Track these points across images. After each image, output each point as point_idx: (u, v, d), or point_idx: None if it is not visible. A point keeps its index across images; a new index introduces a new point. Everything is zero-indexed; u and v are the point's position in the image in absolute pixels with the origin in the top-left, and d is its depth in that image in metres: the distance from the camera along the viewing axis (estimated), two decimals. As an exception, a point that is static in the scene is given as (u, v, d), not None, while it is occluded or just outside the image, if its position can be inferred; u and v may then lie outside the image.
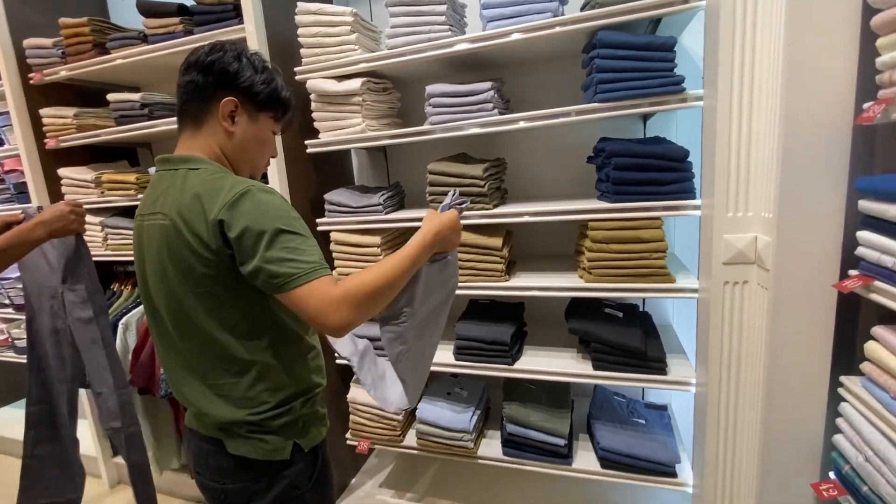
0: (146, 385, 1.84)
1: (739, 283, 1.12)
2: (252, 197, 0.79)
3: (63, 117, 1.96)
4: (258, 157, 0.96)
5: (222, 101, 0.86)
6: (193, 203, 0.80)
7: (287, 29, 1.59)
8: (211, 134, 0.89)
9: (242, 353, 0.86)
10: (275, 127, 0.96)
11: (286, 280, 0.77)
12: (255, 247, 0.77)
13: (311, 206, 1.77)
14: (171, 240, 0.82)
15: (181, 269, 0.82)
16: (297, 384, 0.92)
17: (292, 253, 0.78)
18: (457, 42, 1.37)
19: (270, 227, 0.77)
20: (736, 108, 1.05)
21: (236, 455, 0.89)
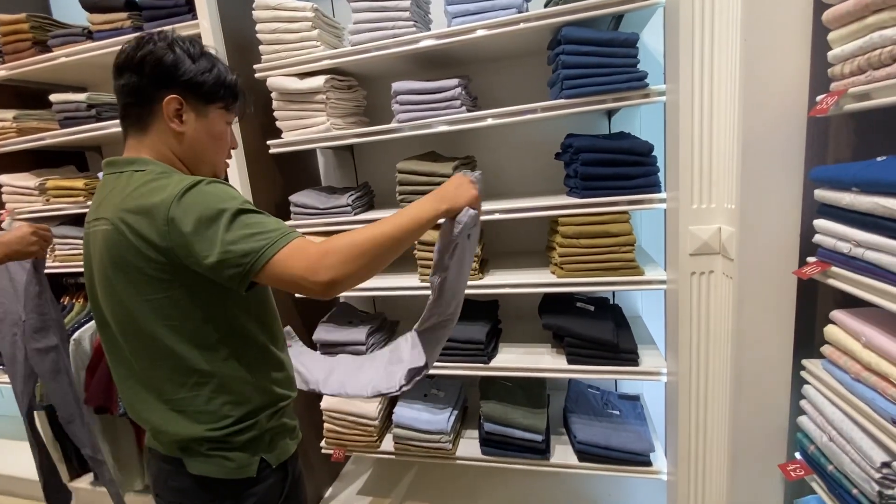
0: (103, 403, 1.73)
1: (705, 273, 1.15)
2: (199, 188, 0.74)
3: (1, 120, 1.83)
4: (216, 154, 0.89)
5: (165, 101, 0.80)
6: (138, 204, 0.74)
7: (244, 25, 1.53)
8: (159, 137, 0.83)
9: (201, 363, 0.80)
10: (227, 117, 0.89)
11: (259, 254, 0.71)
12: (214, 235, 0.71)
13: (276, 209, 1.71)
14: (115, 245, 0.76)
15: (128, 276, 0.76)
16: (262, 396, 0.87)
17: (255, 227, 0.73)
18: (422, 38, 1.35)
19: (225, 211, 0.72)
20: (697, 103, 1.07)
21: (197, 475, 0.83)
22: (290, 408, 0.96)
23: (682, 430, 1.25)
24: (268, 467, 0.88)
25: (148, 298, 0.77)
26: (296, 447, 0.96)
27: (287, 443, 0.93)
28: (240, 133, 1.54)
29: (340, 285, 0.74)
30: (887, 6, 0.68)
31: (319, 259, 0.72)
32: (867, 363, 0.77)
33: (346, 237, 0.75)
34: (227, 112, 0.88)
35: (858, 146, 0.90)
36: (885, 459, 0.74)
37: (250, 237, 0.72)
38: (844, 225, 0.80)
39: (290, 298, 1.75)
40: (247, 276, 0.72)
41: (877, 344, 0.75)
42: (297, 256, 0.72)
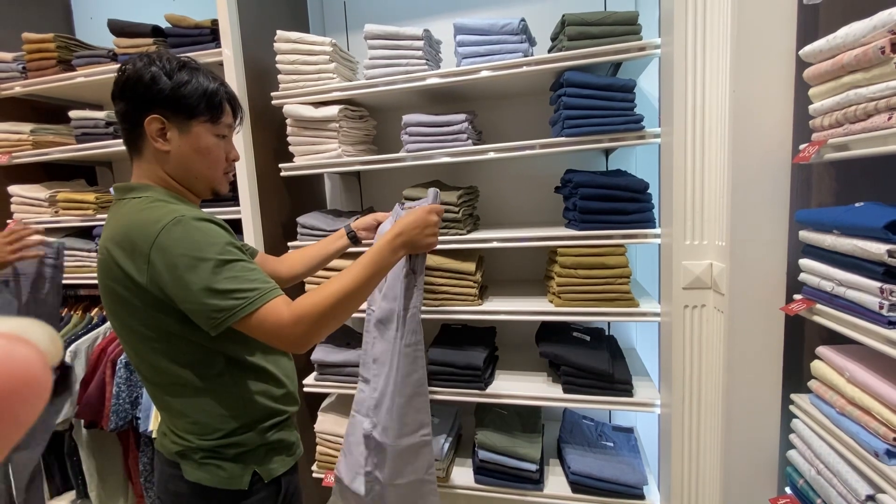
0: (94, 418, 1.72)
1: (698, 306, 1.19)
2: (181, 227, 0.74)
3: (18, 133, 1.88)
4: (208, 169, 0.88)
5: (146, 122, 0.81)
6: (123, 236, 0.76)
7: (264, 54, 1.62)
8: (152, 159, 0.84)
9: (193, 380, 0.83)
10: (216, 130, 0.86)
11: (231, 312, 0.74)
12: (189, 286, 0.73)
13: (283, 229, 1.75)
14: (106, 274, 0.79)
15: (118, 303, 0.80)
16: (253, 412, 0.88)
17: (232, 283, 0.74)
18: (432, 76, 1.43)
19: (203, 261, 0.73)
20: (689, 145, 1.14)
21: (192, 482, 0.86)
22: (289, 423, 0.97)
23: (675, 462, 1.26)
24: (260, 481, 0.89)
25: (134, 327, 0.80)
26: (293, 463, 0.97)
27: (283, 458, 0.94)
28: (253, 155, 1.60)
29: (310, 345, 0.80)
30: (861, 68, 0.75)
31: (292, 326, 0.76)
32: (851, 398, 0.81)
33: (315, 298, 0.79)
34: (213, 125, 0.86)
35: (839, 191, 0.96)
36: (870, 492, 0.76)
37: (226, 294, 0.73)
38: (827, 265, 0.86)
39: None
40: (218, 328, 0.75)
41: (860, 379, 0.79)
42: (270, 320, 0.75)
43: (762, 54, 0.94)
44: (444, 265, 1.51)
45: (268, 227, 1.67)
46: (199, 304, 0.74)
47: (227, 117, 0.89)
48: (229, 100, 0.89)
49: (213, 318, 0.74)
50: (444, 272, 1.51)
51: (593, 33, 1.29)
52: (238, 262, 0.76)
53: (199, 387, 0.83)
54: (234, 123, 0.92)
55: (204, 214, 0.80)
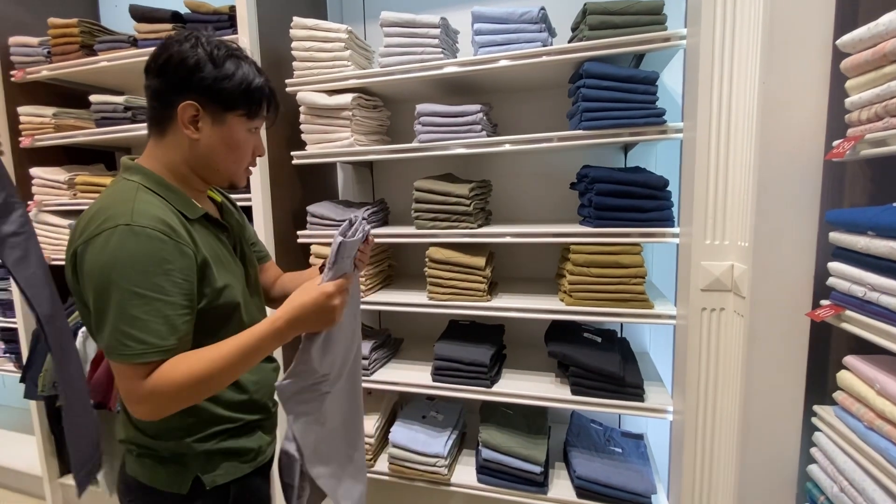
0: (102, 399, 1.73)
1: (716, 309, 1.14)
2: (114, 237, 0.69)
3: (41, 116, 1.91)
4: (232, 164, 0.84)
5: (180, 108, 0.77)
6: (85, 217, 0.74)
7: (281, 41, 1.61)
8: (175, 143, 0.80)
9: None
10: (250, 124, 0.83)
11: (109, 350, 0.70)
12: (94, 299, 0.70)
13: (293, 218, 1.75)
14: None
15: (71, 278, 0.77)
16: (193, 417, 0.81)
17: (127, 322, 0.68)
18: (448, 64, 1.40)
19: (114, 283, 0.68)
20: (714, 141, 1.09)
21: (131, 476, 0.83)
22: (247, 430, 0.89)
23: (687, 472, 1.21)
24: (202, 486, 0.82)
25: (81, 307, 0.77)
26: (250, 470, 0.89)
27: (234, 465, 0.86)
28: (266, 142, 1.59)
29: (153, 419, 0.74)
30: (905, 57, 0.70)
31: (147, 398, 0.70)
32: (881, 411, 0.75)
33: (177, 375, 0.70)
34: (248, 119, 0.82)
35: (874, 191, 0.90)
36: (899, 513, 0.71)
37: (113, 329, 0.69)
38: (859, 268, 0.80)
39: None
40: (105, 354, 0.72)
41: (891, 392, 0.74)
42: (131, 380, 0.69)
43: (796, 44, 0.89)
44: (452, 259, 1.48)
45: (278, 216, 1.66)
46: (95, 322, 0.71)
47: (262, 114, 0.85)
48: (270, 96, 0.85)
49: (99, 342, 0.72)
50: (453, 266, 1.48)
51: (615, 23, 1.24)
52: (154, 300, 0.69)
53: None
54: (269, 119, 0.89)
55: (162, 225, 0.72)
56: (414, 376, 1.60)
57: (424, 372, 1.59)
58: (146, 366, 0.70)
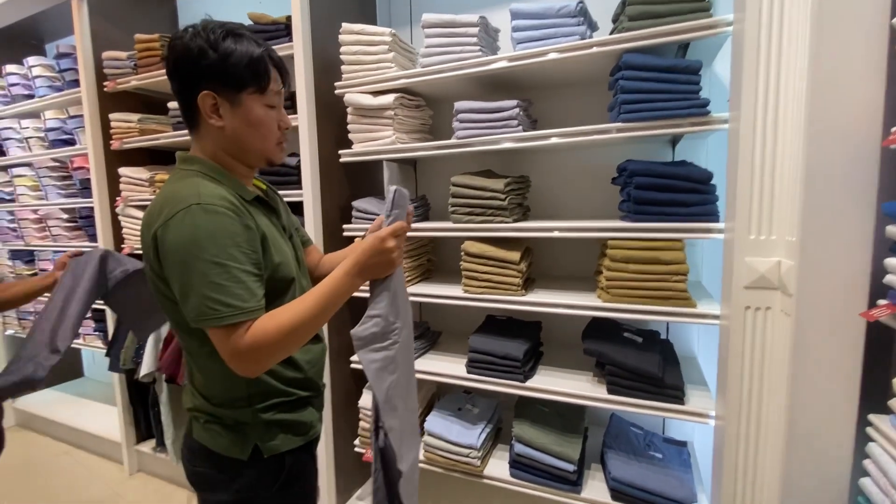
0: (173, 372, 1.93)
1: (762, 308, 1.07)
2: (189, 216, 0.75)
3: (128, 122, 2.16)
4: (260, 141, 0.87)
5: (199, 99, 0.81)
6: (154, 205, 0.81)
7: (331, 46, 1.71)
8: (207, 134, 0.85)
9: (196, 347, 0.86)
10: (265, 100, 0.85)
11: (202, 318, 0.76)
12: (178, 277, 0.76)
13: (340, 212, 1.85)
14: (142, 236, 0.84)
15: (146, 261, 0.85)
16: (253, 388, 0.88)
17: (215, 290, 0.75)
18: (487, 62, 1.42)
19: (196, 260, 0.74)
20: (760, 130, 1.03)
21: (197, 440, 0.91)
22: (299, 405, 0.95)
23: (728, 480, 1.15)
24: (259, 454, 0.89)
25: (159, 290, 0.85)
26: (303, 443, 0.95)
27: (288, 437, 0.93)
28: (317, 143, 1.70)
29: (258, 373, 0.81)
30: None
31: (248, 353, 0.76)
32: (940, 419, 0.69)
33: (271, 328, 0.78)
34: (261, 95, 0.84)
35: (941, 181, 0.82)
36: (957, 531, 0.65)
37: (203, 298, 0.75)
38: (918, 263, 0.73)
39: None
40: (193, 323, 0.77)
41: (951, 397, 0.67)
42: (230, 340, 0.76)
43: (849, 23, 0.83)
44: (487, 252, 1.50)
45: (326, 210, 1.76)
46: (181, 295, 0.77)
47: (275, 84, 0.86)
48: (275, 65, 0.86)
49: (189, 314, 0.77)
50: (488, 260, 1.50)
51: (657, 12, 1.21)
52: (232, 268, 0.76)
53: (207, 354, 0.84)
54: (282, 89, 0.89)
55: (226, 203, 0.79)
56: (449, 367, 1.63)
57: (460, 364, 1.62)
58: (237, 326, 0.76)
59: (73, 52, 2.24)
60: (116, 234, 2.26)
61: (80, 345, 2.58)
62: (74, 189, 2.43)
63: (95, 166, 2.20)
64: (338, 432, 1.83)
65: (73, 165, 2.39)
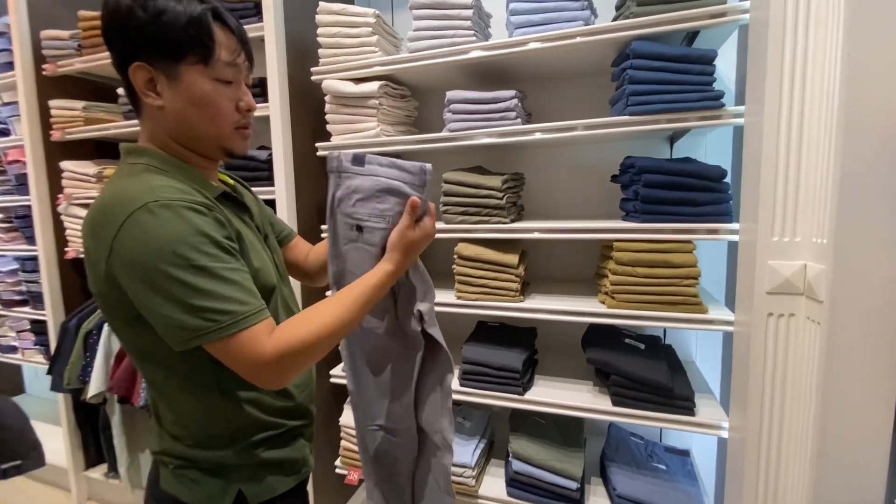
0: (126, 393, 1.72)
1: (785, 315, 1.00)
2: (147, 217, 0.60)
3: (72, 109, 1.92)
4: (210, 125, 0.71)
5: (130, 73, 0.66)
6: (97, 211, 0.65)
7: (306, 29, 1.55)
8: (149, 116, 0.71)
9: (162, 379, 0.72)
10: (212, 73, 0.68)
11: (198, 334, 0.61)
12: (149, 291, 0.61)
13: (318, 212, 1.69)
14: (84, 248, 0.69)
15: (92, 283, 0.69)
16: (236, 423, 0.75)
17: (205, 298, 0.61)
18: (480, 48, 1.31)
19: (163, 273, 0.60)
20: (784, 125, 0.96)
21: (166, 491, 0.75)
22: (291, 437, 0.83)
23: (748, 498, 1.08)
24: (243, 503, 0.75)
25: (111, 314, 0.70)
26: (294, 483, 0.82)
27: (279, 479, 0.79)
28: (290, 135, 1.54)
29: (287, 384, 0.69)
30: None
31: (276, 361, 0.64)
32: None
33: (302, 330, 0.67)
34: (206, 66, 0.68)
35: None
36: None
37: (194, 311, 0.61)
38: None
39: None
40: (183, 346, 0.63)
41: None
42: (247, 351, 0.62)
43: (889, 6, 0.76)
44: (483, 256, 1.38)
45: (303, 210, 1.60)
46: (160, 315, 0.62)
47: (225, 53, 0.69)
48: (229, 29, 0.70)
49: (176, 335, 0.62)
50: (483, 263, 1.39)
51: (667, -3, 1.12)
52: (217, 268, 0.63)
53: (176, 385, 0.71)
54: (241, 61, 0.71)
55: (190, 197, 0.65)
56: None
57: (451, 376, 1.50)
58: (247, 332, 0.63)
59: (7, 32, 1.97)
60: (59, 235, 2.01)
61: (18, 360, 2.31)
62: (9, 185, 2.15)
63: (33, 160, 1.94)
64: (317, 453, 1.67)
65: (6, 159, 2.11)
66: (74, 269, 2.06)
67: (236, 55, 0.71)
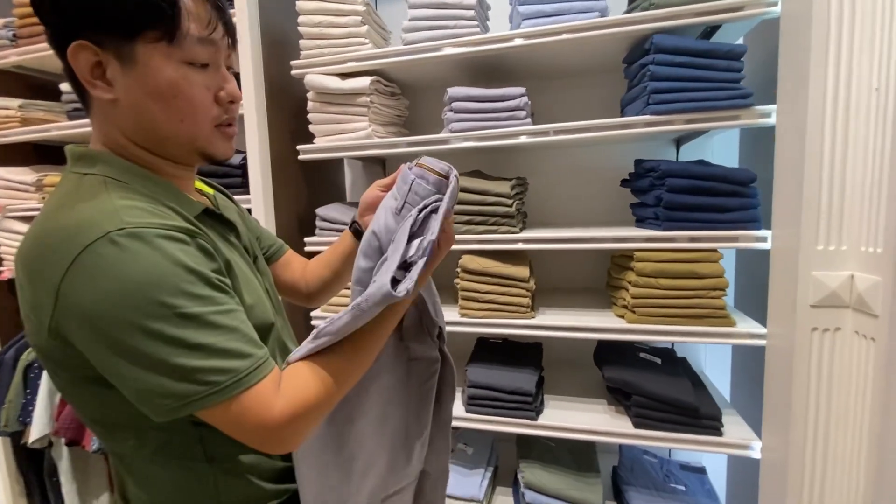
0: (75, 436, 1.49)
1: (831, 330, 0.93)
2: (117, 250, 0.45)
3: (6, 109, 1.67)
4: (180, 121, 0.55)
5: (69, 55, 0.50)
6: (34, 243, 0.49)
7: (285, 18, 1.39)
8: (100, 112, 0.55)
9: (130, 450, 0.57)
10: (180, 54, 0.52)
11: (188, 400, 0.47)
12: (115, 350, 0.46)
13: (299, 222, 1.52)
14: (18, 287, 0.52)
15: (31, 336, 0.52)
16: (223, 497, 0.59)
17: (195, 354, 0.46)
18: (505, 38, 1.17)
19: (143, 315, 0.45)
20: (829, 125, 0.89)
21: None
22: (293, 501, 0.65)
23: (789, 524, 1.00)
24: None
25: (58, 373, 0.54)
26: None
27: None
28: (267, 136, 1.37)
29: (296, 446, 0.54)
30: None
31: (287, 424, 0.50)
32: None
33: (315, 378, 0.53)
34: (171, 45, 0.51)
35: None
36: None
37: (182, 373, 0.46)
38: None
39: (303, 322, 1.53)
40: (166, 416, 0.48)
41: None
42: (254, 414, 0.49)
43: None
44: (490, 269, 1.26)
45: (282, 220, 1.43)
46: (134, 381, 0.47)
47: (196, 26, 0.52)
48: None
49: (159, 403, 0.48)
50: (491, 277, 1.27)
51: (692, -13, 1.04)
52: (208, 313, 0.48)
53: (149, 456, 0.56)
54: (218, 37, 0.55)
55: (166, 221, 0.50)
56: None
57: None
58: (261, 385, 0.50)
59: (-77, 18, 1.70)
60: (-9, 253, 1.74)
61: (-58, 397, 1.99)
62: (-72, 195, 1.86)
63: (-43, 166, 1.68)
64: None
65: (-76, 165, 1.82)
66: (11, 291, 1.79)
67: (212, 28, 0.54)
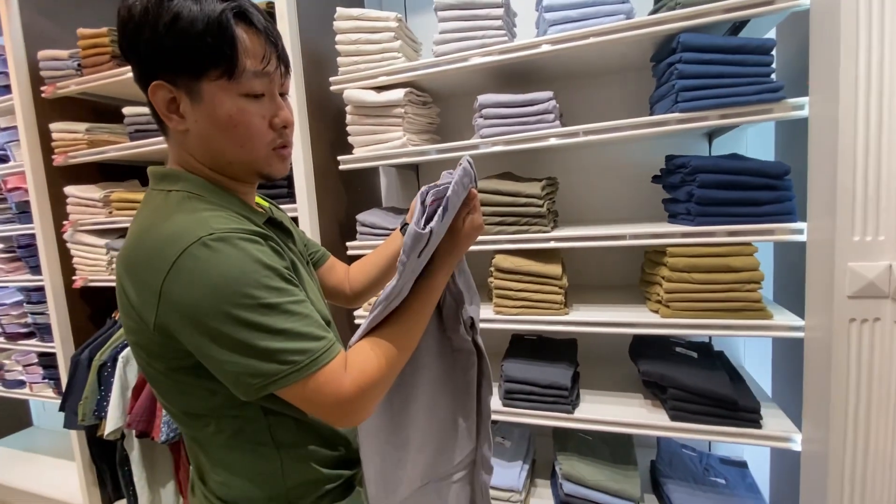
0: (145, 428, 1.62)
1: (869, 320, 0.93)
2: (209, 252, 0.53)
3: (74, 132, 1.84)
4: (240, 148, 0.62)
5: (150, 93, 0.59)
6: (134, 252, 0.57)
7: (323, 36, 1.48)
8: (176, 140, 0.64)
9: (210, 435, 0.65)
10: (238, 88, 0.58)
11: (271, 379, 0.54)
12: (215, 334, 0.53)
13: (341, 228, 1.61)
14: (119, 298, 0.60)
15: (130, 334, 0.61)
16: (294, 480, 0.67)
17: (277, 338, 0.54)
18: (532, 45, 1.21)
19: (237, 304, 0.53)
20: (863, 116, 0.89)
21: None
22: (349, 486, 0.74)
23: (832, 515, 1.00)
24: None
25: (145, 365, 0.62)
26: None
27: None
28: (310, 148, 1.46)
29: (366, 415, 0.62)
30: None
31: (357, 397, 0.58)
32: None
33: (375, 354, 0.61)
34: (230, 81, 0.58)
35: None
36: None
37: (266, 354, 0.54)
38: None
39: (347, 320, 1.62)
40: (254, 395, 0.56)
41: None
42: (329, 390, 0.56)
43: None
44: (523, 267, 1.31)
45: (325, 226, 1.52)
46: (228, 363, 0.54)
47: (251, 61, 0.58)
48: (256, 30, 0.58)
49: (248, 383, 0.55)
50: (525, 276, 1.31)
51: (719, -15, 1.06)
52: (286, 303, 0.56)
53: (225, 442, 0.64)
54: (272, 69, 0.60)
55: (245, 227, 0.58)
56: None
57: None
58: (333, 364, 0.58)
59: (3, 53, 1.89)
60: (65, 263, 1.92)
61: (26, 395, 2.21)
62: (10, 214, 2.06)
63: (35, 186, 1.85)
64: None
65: (7, 186, 2.02)
66: (83, 298, 1.97)
67: (266, 62, 0.60)
